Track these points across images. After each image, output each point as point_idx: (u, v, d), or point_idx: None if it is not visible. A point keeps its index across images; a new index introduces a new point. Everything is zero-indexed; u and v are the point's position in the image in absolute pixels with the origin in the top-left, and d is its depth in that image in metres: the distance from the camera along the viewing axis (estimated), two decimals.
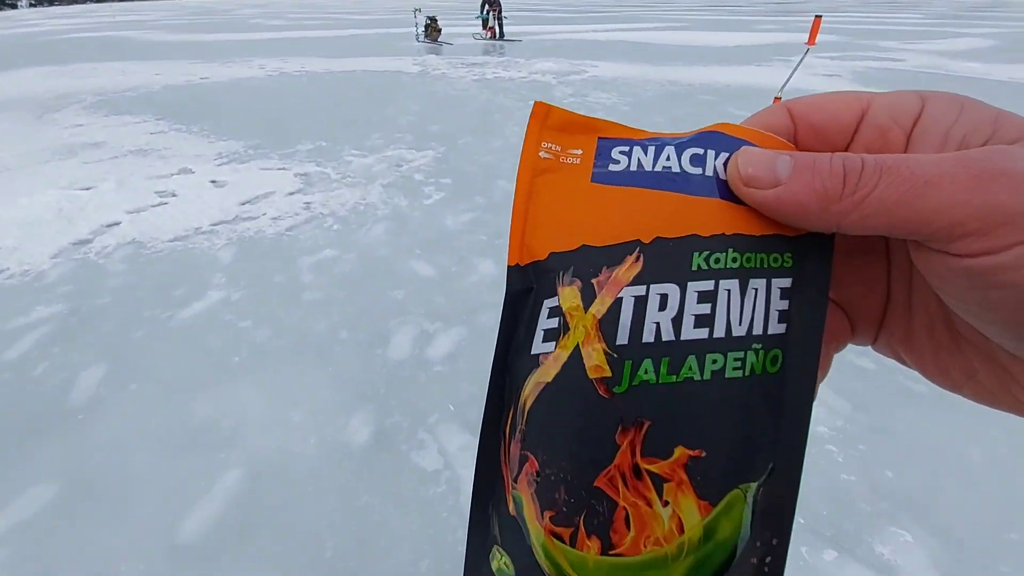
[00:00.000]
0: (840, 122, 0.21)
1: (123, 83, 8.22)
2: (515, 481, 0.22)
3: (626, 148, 0.23)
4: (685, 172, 0.22)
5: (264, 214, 3.58)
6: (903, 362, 0.24)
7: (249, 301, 2.58)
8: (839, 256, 0.23)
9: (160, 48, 12.82)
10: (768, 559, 0.20)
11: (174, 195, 3.90)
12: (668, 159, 0.22)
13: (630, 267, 0.21)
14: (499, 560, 0.22)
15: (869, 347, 0.25)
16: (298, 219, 3.49)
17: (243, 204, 3.75)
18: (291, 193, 3.93)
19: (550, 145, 0.24)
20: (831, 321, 0.23)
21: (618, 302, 0.20)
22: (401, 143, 5.06)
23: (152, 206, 3.71)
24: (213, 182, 4.14)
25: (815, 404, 0.22)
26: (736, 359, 0.20)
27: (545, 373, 0.21)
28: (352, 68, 9.31)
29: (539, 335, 0.22)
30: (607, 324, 0.20)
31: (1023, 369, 0.20)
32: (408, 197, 3.83)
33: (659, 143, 0.23)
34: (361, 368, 2.12)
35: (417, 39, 13.30)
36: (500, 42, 13.39)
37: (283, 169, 4.42)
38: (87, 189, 3.96)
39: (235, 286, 2.71)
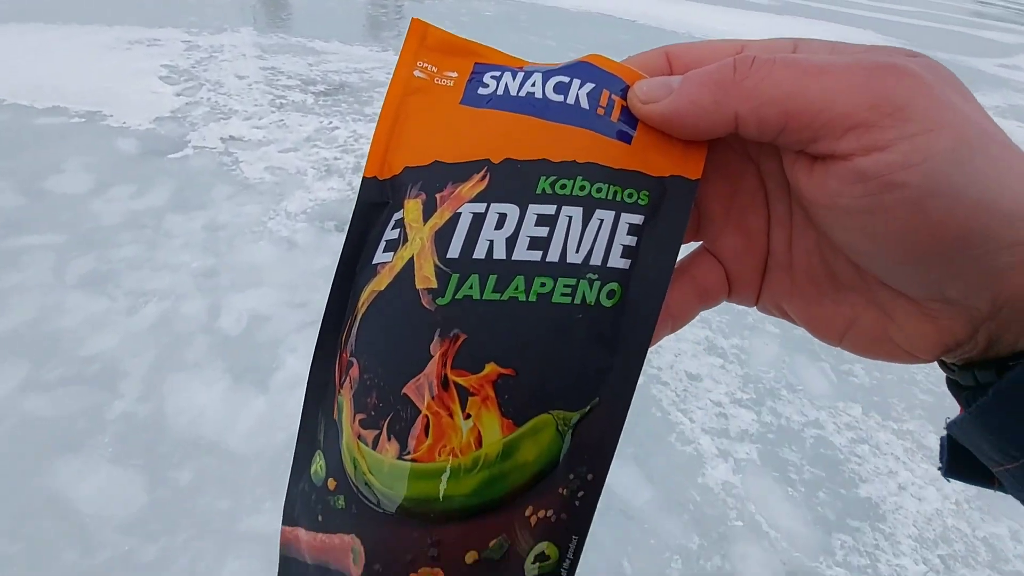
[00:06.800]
0: None
1: None
2: (341, 387, 0.22)
3: (498, 74, 0.24)
4: (547, 98, 0.22)
5: None
6: (787, 318, 0.25)
7: None
8: (719, 208, 0.24)
9: None
10: (580, 493, 0.20)
11: None
12: (533, 85, 0.23)
13: (475, 184, 0.21)
14: (317, 463, 0.23)
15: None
16: None
17: None
18: None
19: (426, 65, 0.24)
20: (704, 273, 0.24)
21: (456, 217, 0.21)
22: None
23: None
24: None
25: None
26: (566, 286, 0.20)
27: (380, 282, 0.22)
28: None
29: (381, 245, 0.22)
30: (441, 237, 0.21)
31: (904, 309, 0.21)
32: None
33: (529, 71, 0.23)
34: None
35: None
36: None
37: None
38: None
39: None
